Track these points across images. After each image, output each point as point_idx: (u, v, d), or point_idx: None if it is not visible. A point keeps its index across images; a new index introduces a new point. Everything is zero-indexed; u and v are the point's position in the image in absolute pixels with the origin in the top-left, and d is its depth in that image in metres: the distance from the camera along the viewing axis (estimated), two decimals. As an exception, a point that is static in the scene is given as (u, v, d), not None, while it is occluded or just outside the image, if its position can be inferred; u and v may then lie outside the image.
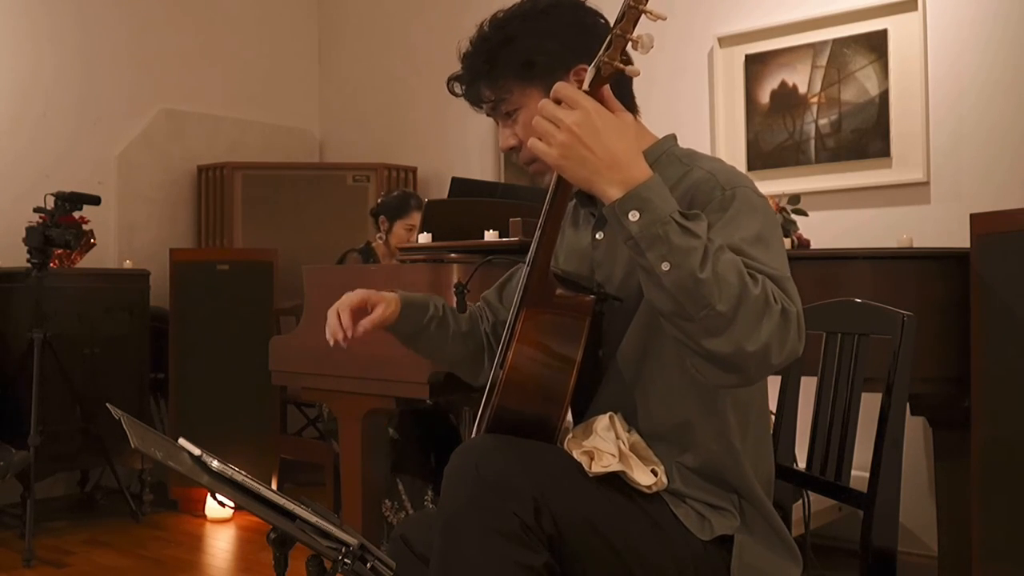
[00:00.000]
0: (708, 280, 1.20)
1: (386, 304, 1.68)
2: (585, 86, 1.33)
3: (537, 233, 1.45)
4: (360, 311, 1.66)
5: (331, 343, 1.63)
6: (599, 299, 1.47)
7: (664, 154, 1.51)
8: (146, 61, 4.93)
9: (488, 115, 1.62)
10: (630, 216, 1.23)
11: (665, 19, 1.28)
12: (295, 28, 5.61)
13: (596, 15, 1.56)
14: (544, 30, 1.52)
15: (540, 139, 1.28)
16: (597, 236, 1.54)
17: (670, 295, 1.23)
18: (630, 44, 1.28)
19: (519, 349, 1.43)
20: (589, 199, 1.55)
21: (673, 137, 1.56)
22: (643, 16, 1.27)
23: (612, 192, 1.25)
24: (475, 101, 1.60)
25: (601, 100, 1.31)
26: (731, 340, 1.21)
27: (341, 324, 1.62)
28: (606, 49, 1.30)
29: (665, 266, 1.21)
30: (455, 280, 2.48)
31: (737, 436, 1.46)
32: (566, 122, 1.25)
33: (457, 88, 1.62)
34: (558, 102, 1.28)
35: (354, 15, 5.53)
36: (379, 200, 4.19)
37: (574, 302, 1.46)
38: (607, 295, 1.47)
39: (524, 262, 1.54)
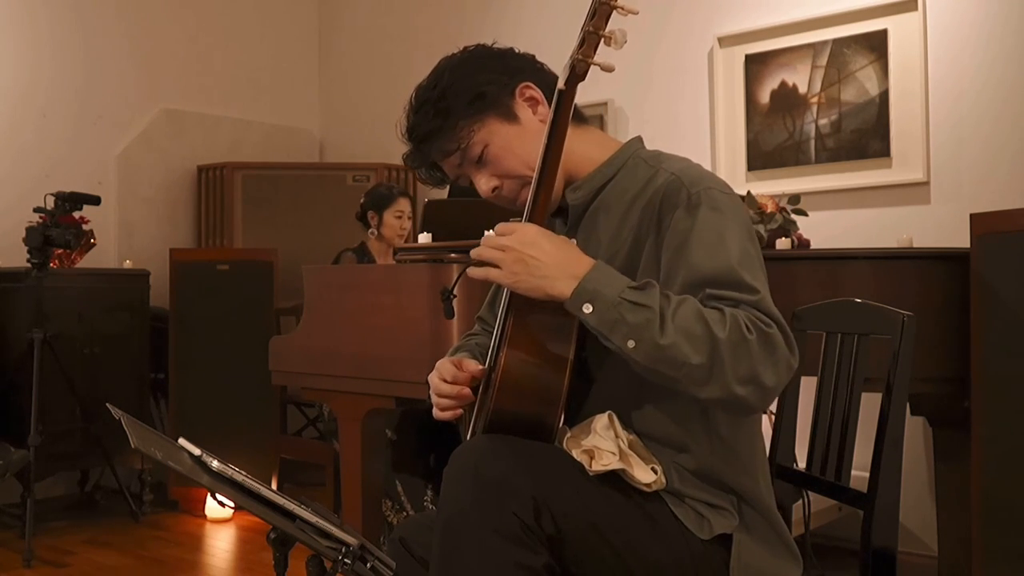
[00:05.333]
0: (672, 343, 1.27)
1: (469, 361, 1.60)
2: (561, 84, 1.36)
3: None
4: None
5: (452, 415, 1.57)
6: None
7: (631, 157, 1.53)
8: (146, 61, 4.93)
9: (457, 176, 1.60)
10: (584, 309, 1.32)
11: (637, 13, 1.28)
12: (295, 28, 5.61)
13: (506, 47, 1.60)
14: (475, 67, 1.55)
15: (491, 266, 1.39)
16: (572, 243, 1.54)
17: (646, 366, 1.31)
18: (603, 40, 1.29)
19: (511, 351, 1.42)
20: (558, 210, 1.56)
21: (639, 140, 1.58)
22: (614, 12, 1.29)
23: (565, 289, 1.34)
24: (440, 159, 1.57)
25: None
26: (718, 385, 1.28)
27: (453, 385, 1.55)
28: (580, 46, 1.31)
29: (631, 344, 1.30)
30: (455, 280, 2.47)
31: (729, 434, 1.45)
32: (507, 242, 1.38)
33: (416, 159, 1.60)
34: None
35: (354, 15, 5.53)
36: (361, 200, 4.23)
37: None
38: None
39: None
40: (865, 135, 3.65)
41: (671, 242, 1.40)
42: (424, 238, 2.79)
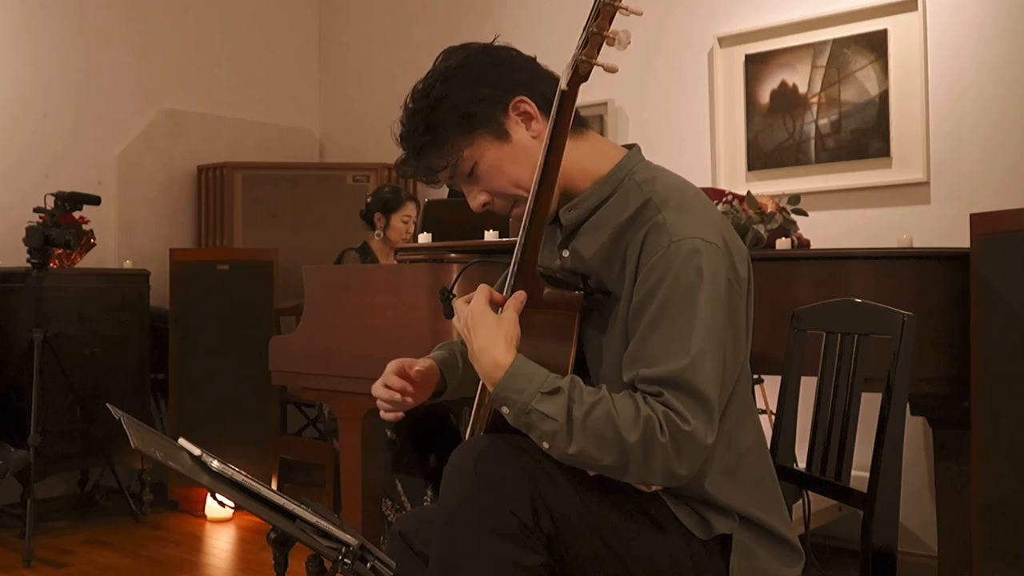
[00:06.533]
0: (581, 449, 1.32)
1: (422, 361, 1.66)
2: (563, 84, 1.35)
3: (522, 233, 1.45)
4: (402, 375, 1.64)
5: (393, 416, 1.63)
6: (586, 295, 1.47)
7: (627, 177, 1.50)
8: (146, 61, 4.92)
9: (450, 185, 1.61)
10: (503, 411, 1.37)
11: (641, 14, 1.28)
12: (295, 28, 5.61)
13: (507, 50, 1.56)
14: (469, 80, 1.50)
15: None
16: (564, 254, 1.54)
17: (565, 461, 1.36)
18: (606, 41, 1.28)
19: None
20: (555, 216, 1.55)
21: (637, 152, 1.54)
22: (618, 12, 1.29)
23: (486, 382, 1.41)
24: (430, 174, 1.57)
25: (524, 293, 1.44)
26: (636, 478, 1.34)
27: (394, 390, 1.62)
28: (583, 47, 1.30)
29: (546, 445, 1.34)
30: (454, 280, 2.47)
31: (728, 434, 1.44)
32: (460, 316, 1.46)
33: (408, 169, 1.59)
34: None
35: (354, 15, 5.53)
36: (368, 200, 4.23)
37: (563, 299, 1.46)
38: (594, 290, 1.47)
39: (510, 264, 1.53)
40: (865, 135, 3.65)
41: (643, 283, 1.38)
42: (424, 238, 2.79)
